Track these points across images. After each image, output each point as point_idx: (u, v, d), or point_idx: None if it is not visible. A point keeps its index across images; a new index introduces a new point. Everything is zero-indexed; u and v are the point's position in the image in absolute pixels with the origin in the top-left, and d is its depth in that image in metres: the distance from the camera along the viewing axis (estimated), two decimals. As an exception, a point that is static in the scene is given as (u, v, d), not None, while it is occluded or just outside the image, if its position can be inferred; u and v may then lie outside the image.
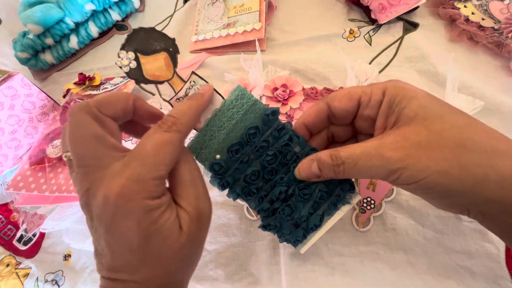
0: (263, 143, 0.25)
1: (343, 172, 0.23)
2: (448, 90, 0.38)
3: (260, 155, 0.25)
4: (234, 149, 0.25)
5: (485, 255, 0.32)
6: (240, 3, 0.51)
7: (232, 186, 0.26)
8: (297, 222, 0.26)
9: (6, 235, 0.47)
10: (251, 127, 0.25)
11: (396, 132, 0.22)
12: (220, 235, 0.39)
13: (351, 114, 0.26)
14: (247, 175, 0.25)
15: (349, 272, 0.35)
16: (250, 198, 0.26)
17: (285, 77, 0.43)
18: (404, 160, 0.20)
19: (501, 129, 0.36)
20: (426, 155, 0.20)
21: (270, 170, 0.26)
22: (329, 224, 0.27)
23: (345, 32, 0.47)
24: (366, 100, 0.24)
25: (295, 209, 0.26)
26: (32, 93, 0.48)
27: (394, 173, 0.21)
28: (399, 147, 0.21)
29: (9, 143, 0.47)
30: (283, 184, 0.25)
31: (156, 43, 0.24)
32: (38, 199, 0.42)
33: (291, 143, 0.25)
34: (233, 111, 0.24)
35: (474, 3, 0.42)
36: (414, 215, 0.35)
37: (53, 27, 0.54)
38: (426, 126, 0.21)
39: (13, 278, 0.45)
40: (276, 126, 0.25)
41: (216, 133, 0.25)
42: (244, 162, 0.25)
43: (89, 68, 0.58)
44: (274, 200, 0.26)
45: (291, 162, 0.26)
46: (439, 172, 0.20)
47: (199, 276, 0.38)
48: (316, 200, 0.26)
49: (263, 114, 0.25)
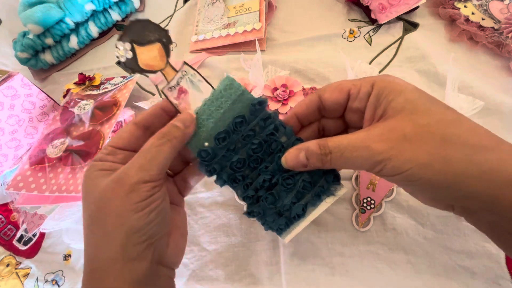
0: (249, 132, 0.26)
1: (329, 162, 0.23)
2: (448, 90, 0.38)
3: (246, 143, 0.26)
4: (221, 137, 0.25)
5: (485, 255, 0.32)
6: (240, 3, 0.51)
7: (219, 173, 0.27)
8: (280, 210, 0.27)
9: (6, 235, 0.47)
10: (238, 116, 0.25)
11: (383, 124, 0.22)
12: (220, 235, 0.39)
13: (341, 106, 0.26)
14: (233, 163, 0.26)
15: (349, 272, 0.35)
16: (236, 185, 0.27)
17: (285, 77, 0.43)
18: (388, 152, 0.21)
19: (501, 129, 0.36)
20: (410, 147, 0.20)
21: (255, 158, 0.26)
22: (313, 215, 0.27)
23: (345, 32, 0.47)
24: (355, 92, 0.24)
25: (278, 198, 0.26)
26: (32, 93, 0.48)
27: (379, 164, 0.21)
28: (384, 139, 0.21)
29: (9, 143, 0.47)
30: (267, 172, 0.26)
31: (151, 34, 0.25)
32: (38, 199, 0.42)
33: (276, 133, 0.26)
34: (221, 100, 0.25)
35: (474, 3, 0.42)
36: (414, 215, 0.35)
37: (53, 27, 0.54)
38: (412, 120, 0.21)
39: (13, 278, 0.45)
40: (263, 116, 0.26)
41: (205, 122, 0.25)
42: (231, 150, 0.26)
43: (89, 68, 0.58)
44: (259, 188, 0.27)
45: (276, 151, 0.26)
46: (422, 165, 0.20)
47: (199, 276, 0.38)
48: (299, 190, 0.26)
49: (251, 104, 0.26)
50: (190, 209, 0.41)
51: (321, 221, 0.37)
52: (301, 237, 0.36)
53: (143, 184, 0.22)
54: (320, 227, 0.37)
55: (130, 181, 0.22)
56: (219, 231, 0.39)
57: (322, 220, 0.37)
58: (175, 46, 0.55)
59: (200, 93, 0.26)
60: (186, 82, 0.26)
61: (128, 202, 0.22)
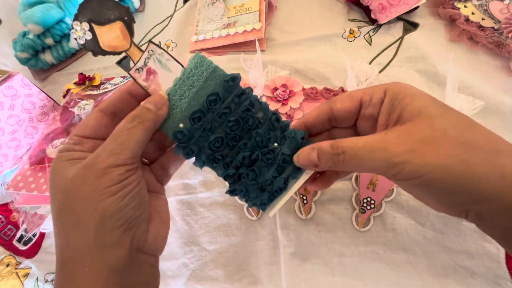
0: (224, 109, 0.25)
1: (342, 162, 0.23)
2: (448, 90, 0.38)
3: (223, 122, 0.25)
4: (196, 117, 0.24)
5: (485, 255, 0.32)
6: (240, 3, 0.51)
7: (197, 154, 0.26)
8: (262, 186, 0.26)
9: (6, 235, 0.47)
10: (211, 93, 0.25)
11: (400, 128, 0.22)
12: (220, 235, 0.39)
13: (353, 115, 0.26)
14: (211, 142, 0.25)
15: (349, 272, 0.35)
16: (216, 165, 0.26)
17: (285, 77, 0.43)
18: (407, 154, 0.20)
19: (501, 129, 0.36)
20: (430, 150, 0.20)
21: (233, 136, 0.26)
22: (295, 187, 0.26)
23: (345, 32, 0.47)
24: (367, 99, 0.24)
25: (259, 174, 0.26)
26: (32, 93, 0.48)
27: (395, 167, 0.21)
28: (402, 141, 0.21)
29: (9, 143, 0.47)
30: (246, 149, 0.26)
31: (110, 12, 0.23)
32: (38, 199, 0.42)
33: (252, 108, 0.26)
34: (193, 79, 0.24)
35: (474, 3, 0.42)
36: (414, 215, 0.35)
37: (53, 27, 0.54)
38: (430, 124, 0.21)
39: (13, 278, 0.45)
40: (237, 92, 0.25)
41: (178, 102, 0.24)
42: (208, 130, 0.25)
43: (89, 68, 0.58)
44: (239, 166, 0.26)
45: (253, 127, 0.26)
46: (442, 168, 0.20)
47: (199, 276, 0.38)
48: (280, 164, 0.26)
49: (224, 81, 0.25)
50: (190, 209, 0.41)
51: (321, 221, 0.37)
52: (301, 237, 0.36)
53: (115, 168, 0.21)
54: (320, 227, 0.37)
55: (101, 165, 0.21)
56: (219, 231, 0.39)
57: (322, 220, 0.37)
58: (175, 46, 0.55)
59: (170, 73, 0.25)
60: (154, 62, 0.25)
61: (99, 186, 0.21)
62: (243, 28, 0.48)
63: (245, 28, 0.48)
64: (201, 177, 0.41)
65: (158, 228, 0.25)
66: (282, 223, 0.37)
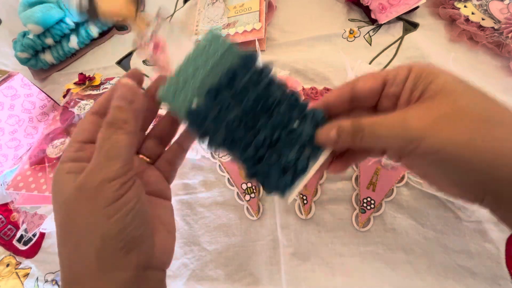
0: (242, 88, 0.23)
1: (361, 139, 0.22)
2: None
3: (241, 100, 0.23)
4: (212, 95, 0.23)
5: (485, 255, 0.32)
6: (240, 3, 0.51)
7: (212, 136, 0.24)
8: (284, 167, 0.25)
9: (6, 235, 0.47)
10: (229, 70, 0.23)
11: (421, 105, 0.21)
12: (220, 235, 0.39)
13: (375, 94, 0.25)
14: (228, 123, 0.23)
15: (349, 272, 0.35)
16: (233, 147, 0.24)
17: (285, 77, 0.43)
18: (426, 129, 0.20)
19: (501, 129, 0.36)
20: (449, 126, 0.19)
21: (252, 116, 0.24)
22: (313, 168, 0.25)
23: (345, 32, 0.47)
24: (392, 78, 0.24)
25: (282, 154, 0.24)
26: (32, 93, 0.48)
27: (412, 142, 0.20)
28: (421, 117, 0.20)
29: (9, 143, 0.47)
30: (267, 129, 0.24)
31: None
32: (38, 199, 0.42)
33: (271, 87, 0.24)
34: (207, 55, 0.23)
35: (474, 3, 0.42)
36: (414, 215, 0.35)
37: (53, 27, 0.54)
38: (451, 100, 0.20)
39: (13, 278, 0.45)
40: (255, 70, 0.24)
41: (190, 79, 0.23)
42: (224, 109, 0.23)
43: (89, 68, 0.58)
44: (259, 147, 0.24)
45: (273, 106, 0.24)
46: (460, 143, 0.19)
47: (199, 276, 0.38)
48: (302, 144, 0.24)
49: (242, 57, 0.23)
50: (190, 209, 0.41)
51: (321, 221, 0.37)
52: (301, 237, 0.36)
53: (108, 183, 0.19)
54: (320, 227, 0.37)
55: (93, 184, 0.19)
56: (219, 231, 0.39)
57: (322, 220, 0.37)
58: (175, 46, 0.55)
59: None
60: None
61: (95, 208, 0.19)
62: (243, 28, 0.48)
63: (245, 28, 0.48)
64: (201, 177, 0.41)
65: (164, 240, 0.24)
66: (282, 223, 0.37)
